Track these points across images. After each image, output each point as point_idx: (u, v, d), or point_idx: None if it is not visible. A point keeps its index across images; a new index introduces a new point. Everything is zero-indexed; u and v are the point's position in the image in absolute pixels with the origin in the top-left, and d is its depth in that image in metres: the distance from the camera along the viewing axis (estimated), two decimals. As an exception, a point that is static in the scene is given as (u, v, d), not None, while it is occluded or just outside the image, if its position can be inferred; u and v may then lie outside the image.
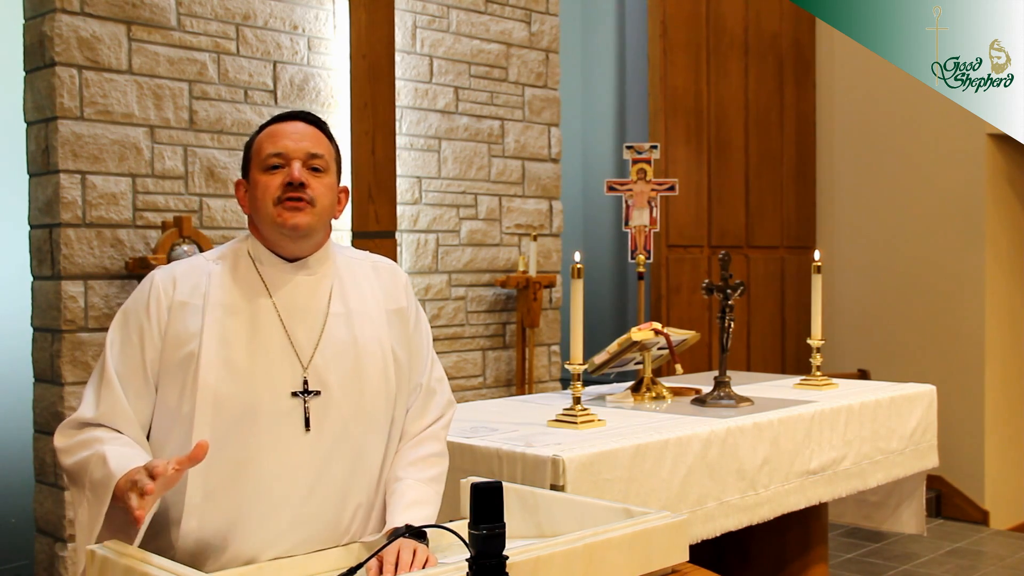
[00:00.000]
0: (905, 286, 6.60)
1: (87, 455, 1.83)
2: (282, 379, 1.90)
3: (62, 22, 3.60)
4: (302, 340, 1.94)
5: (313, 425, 1.91)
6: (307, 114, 2.02)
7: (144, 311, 1.92)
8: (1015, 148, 6.30)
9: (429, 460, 2.09)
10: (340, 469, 1.93)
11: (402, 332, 2.08)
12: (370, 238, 4.34)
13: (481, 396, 4.83)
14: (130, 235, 3.76)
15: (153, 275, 1.97)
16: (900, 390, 3.61)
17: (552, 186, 5.23)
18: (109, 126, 3.71)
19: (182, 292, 1.93)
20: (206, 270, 1.97)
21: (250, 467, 1.86)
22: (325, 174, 1.97)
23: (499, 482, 1.44)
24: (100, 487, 1.77)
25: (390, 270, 2.14)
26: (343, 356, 1.96)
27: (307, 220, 1.93)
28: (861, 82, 6.78)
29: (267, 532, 1.87)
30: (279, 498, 1.87)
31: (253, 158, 1.97)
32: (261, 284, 1.96)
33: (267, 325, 1.93)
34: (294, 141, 1.94)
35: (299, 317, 1.95)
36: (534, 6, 5.14)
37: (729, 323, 3.31)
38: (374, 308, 2.05)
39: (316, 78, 4.29)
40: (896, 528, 3.83)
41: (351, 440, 1.95)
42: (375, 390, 1.99)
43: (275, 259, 1.98)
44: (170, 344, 1.90)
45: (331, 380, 1.94)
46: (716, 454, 2.83)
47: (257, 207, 1.95)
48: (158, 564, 1.66)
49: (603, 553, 1.79)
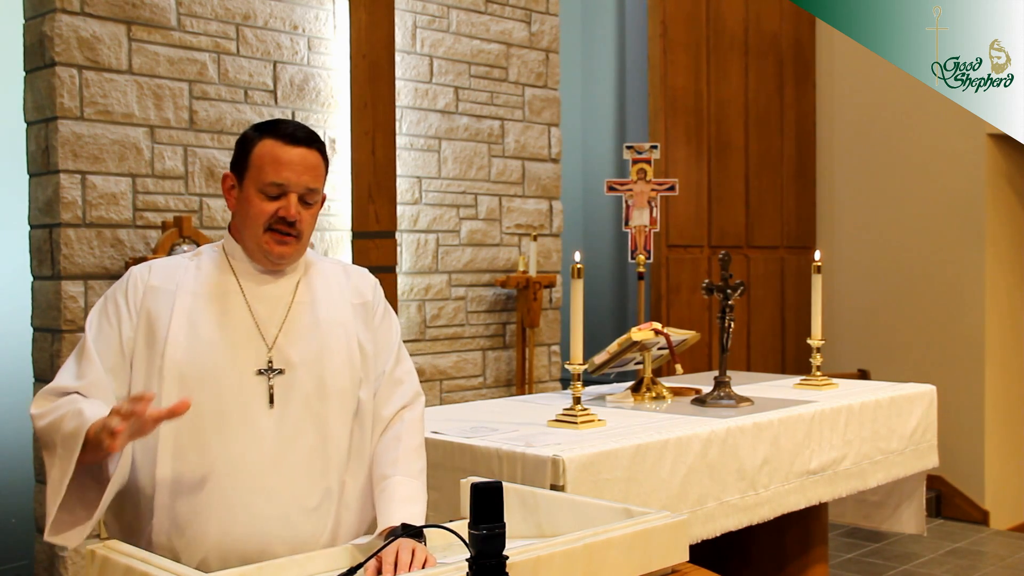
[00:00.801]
0: (905, 286, 6.60)
1: (61, 413, 1.88)
2: (246, 358, 1.99)
3: (62, 22, 3.60)
4: (266, 322, 2.04)
5: (277, 402, 1.99)
6: (309, 136, 2.06)
7: (122, 294, 2.03)
8: (1015, 148, 6.30)
9: (413, 455, 2.13)
10: (305, 444, 2.00)
11: (366, 324, 2.16)
12: (370, 238, 4.34)
13: (481, 396, 4.83)
14: (130, 235, 3.76)
15: (132, 269, 2.09)
16: (900, 390, 3.61)
17: (552, 186, 5.23)
18: (109, 126, 3.71)
19: (156, 278, 2.04)
20: (182, 264, 2.09)
21: (216, 442, 1.94)
22: (315, 205, 2.06)
23: (499, 482, 1.44)
24: (71, 438, 1.82)
25: (360, 272, 2.24)
26: (307, 337, 2.05)
27: (292, 251, 2.04)
28: (861, 82, 6.78)
29: (236, 503, 1.92)
30: (245, 471, 1.94)
31: (251, 171, 2.02)
32: (232, 275, 2.06)
33: (234, 308, 2.03)
34: (296, 173, 2.01)
35: (265, 302, 2.05)
36: (534, 6, 5.14)
37: (729, 323, 3.32)
38: (339, 298, 2.14)
39: (316, 78, 4.29)
40: (896, 528, 3.83)
41: (315, 417, 2.02)
42: (338, 369, 2.05)
43: (249, 260, 2.07)
44: (143, 324, 2.00)
45: (295, 359, 2.02)
46: (716, 454, 2.83)
47: (246, 223, 2.04)
48: (158, 564, 1.66)
49: (603, 553, 1.79)
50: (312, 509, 1.99)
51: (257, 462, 1.95)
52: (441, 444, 2.68)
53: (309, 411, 2.01)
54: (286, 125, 2.05)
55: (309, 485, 1.99)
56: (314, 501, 1.99)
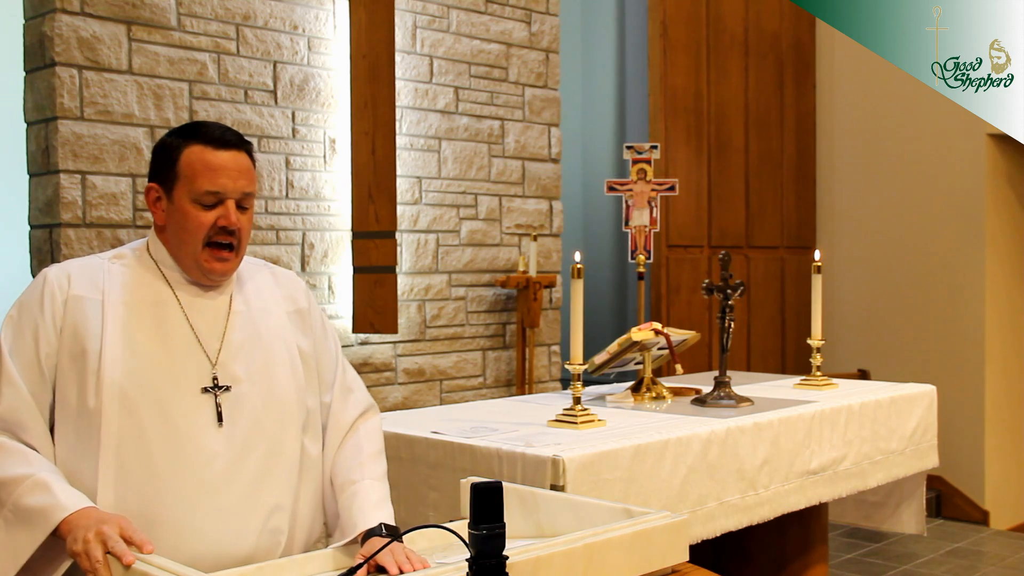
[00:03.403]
0: (905, 286, 6.60)
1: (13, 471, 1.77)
2: (190, 375, 1.91)
3: (62, 22, 3.60)
4: (207, 336, 1.95)
5: (226, 419, 1.91)
6: (238, 138, 1.98)
7: (38, 307, 1.89)
8: (1015, 148, 6.30)
9: (376, 459, 2.11)
10: (254, 461, 1.93)
11: (304, 331, 2.11)
12: (370, 238, 4.34)
13: (481, 396, 4.83)
14: (130, 235, 3.76)
15: (46, 272, 1.94)
16: (900, 390, 3.61)
17: (552, 186, 5.23)
18: (109, 126, 3.71)
19: (78, 287, 1.91)
20: (102, 267, 1.96)
21: (164, 463, 1.85)
22: (250, 209, 1.99)
23: (499, 482, 1.44)
24: (37, 515, 1.73)
25: (288, 276, 2.18)
26: (250, 351, 1.98)
27: (232, 267, 1.98)
28: (861, 82, 6.78)
29: (186, 525, 1.85)
30: (196, 492, 1.86)
31: (180, 181, 1.92)
32: (164, 283, 1.97)
33: (171, 321, 1.93)
34: (231, 179, 1.92)
35: (203, 314, 1.97)
36: (534, 6, 5.14)
37: (729, 323, 3.31)
38: (274, 307, 2.08)
39: (316, 78, 4.29)
40: (896, 528, 3.83)
41: (265, 433, 1.96)
42: (284, 383, 2.00)
43: (180, 271, 1.99)
44: (67, 339, 1.88)
45: (240, 374, 1.95)
46: (716, 454, 2.83)
47: (181, 237, 1.94)
48: (158, 564, 1.66)
49: (603, 553, 1.79)
50: (265, 526, 1.93)
51: (207, 482, 1.87)
52: (441, 444, 2.67)
53: (259, 427, 1.95)
54: (210, 128, 1.96)
55: (261, 502, 1.93)
56: (267, 518, 1.93)
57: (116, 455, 1.82)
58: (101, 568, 1.65)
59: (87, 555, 1.66)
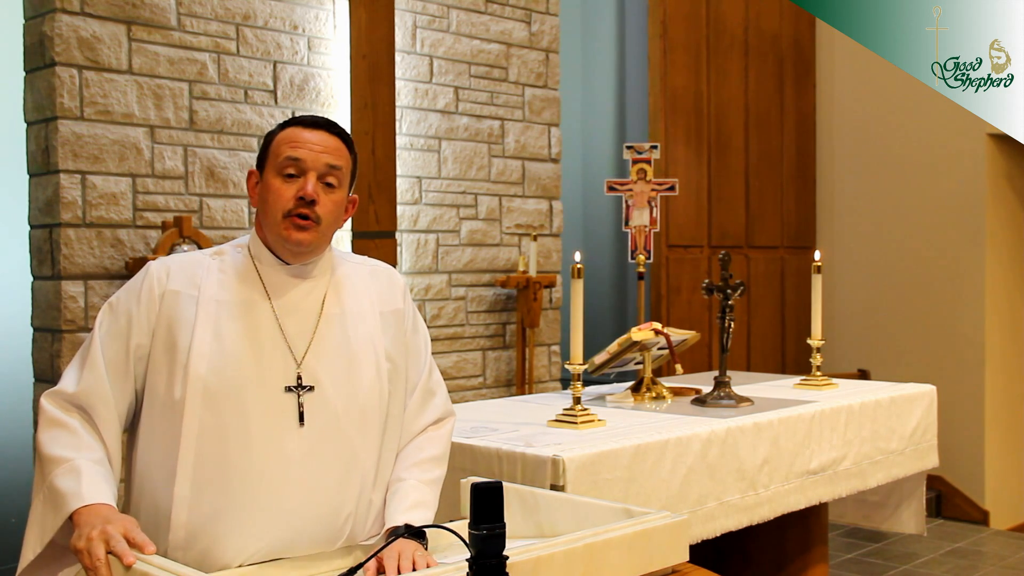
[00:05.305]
0: (905, 286, 6.60)
1: (62, 451, 1.84)
2: (275, 373, 1.91)
3: (62, 22, 3.60)
4: (295, 337, 1.95)
5: (307, 420, 1.91)
6: (332, 124, 2.01)
7: (136, 298, 1.93)
8: (1015, 148, 6.29)
9: (432, 462, 2.09)
10: (333, 467, 1.92)
11: (397, 333, 2.09)
12: (370, 238, 4.34)
13: (481, 396, 4.83)
14: (130, 235, 3.76)
15: (149, 265, 1.98)
16: (900, 390, 3.61)
17: (552, 186, 5.23)
18: (109, 126, 3.71)
19: (176, 282, 1.94)
20: (204, 264, 1.98)
21: (240, 459, 1.86)
22: (337, 189, 1.97)
23: (499, 482, 1.44)
24: (60, 498, 1.79)
25: (387, 273, 2.15)
26: (336, 354, 1.97)
27: (311, 238, 1.94)
28: (861, 82, 6.78)
29: (256, 523, 1.85)
30: (269, 491, 1.86)
31: (270, 156, 1.96)
32: (258, 281, 1.97)
33: (261, 320, 1.94)
34: (314, 152, 1.94)
35: (294, 315, 1.97)
36: (534, 6, 5.14)
37: (729, 323, 3.31)
38: (368, 310, 2.05)
39: (316, 78, 4.29)
40: (896, 528, 3.83)
41: (344, 438, 1.94)
42: (368, 389, 1.98)
43: (275, 260, 1.99)
44: (162, 332, 1.91)
45: (324, 377, 1.94)
46: (716, 454, 2.83)
47: (266, 211, 1.96)
48: (158, 564, 1.66)
49: (603, 553, 1.79)
50: (334, 530, 1.93)
51: (281, 481, 1.87)
52: (441, 444, 2.67)
53: (338, 430, 1.94)
54: (308, 115, 2.01)
55: (333, 506, 1.92)
56: (337, 522, 1.93)
57: (195, 448, 1.84)
58: (102, 567, 1.66)
59: (89, 553, 1.68)
